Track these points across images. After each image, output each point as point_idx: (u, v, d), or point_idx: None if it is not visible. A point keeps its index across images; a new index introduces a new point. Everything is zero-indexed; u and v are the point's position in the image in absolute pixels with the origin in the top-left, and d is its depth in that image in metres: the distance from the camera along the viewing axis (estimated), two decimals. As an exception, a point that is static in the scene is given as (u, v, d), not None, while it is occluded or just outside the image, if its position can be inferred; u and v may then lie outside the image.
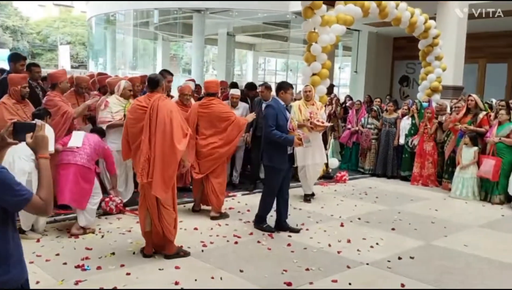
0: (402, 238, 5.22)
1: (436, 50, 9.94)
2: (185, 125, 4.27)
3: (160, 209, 4.21)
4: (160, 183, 4.10)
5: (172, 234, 4.30)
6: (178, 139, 4.09)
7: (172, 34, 21.37)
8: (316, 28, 7.75)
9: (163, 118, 4.08)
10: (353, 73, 17.67)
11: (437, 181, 8.29)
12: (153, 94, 4.26)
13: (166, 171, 4.10)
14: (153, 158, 4.09)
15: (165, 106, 4.14)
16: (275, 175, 5.15)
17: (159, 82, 4.31)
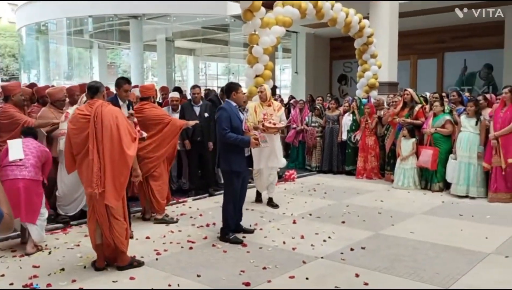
0: (353, 230, 5.38)
1: (371, 48, 10.34)
2: (132, 130, 4.19)
3: (111, 220, 4.09)
4: (112, 192, 3.99)
5: (124, 244, 4.18)
6: (127, 144, 4.01)
7: (109, 41, 20.82)
8: (257, 30, 7.84)
9: (109, 125, 3.98)
10: (293, 74, 18.01)
11: (380, 173, 8.61)
12: (94, 102, 4.14)
13: (117, 179, 4.01)
14: (103, 167, 3.98)
15: (109, 112, 4.04)
16: (235, 178, 5.04)
17: (99, 88, 4.22)
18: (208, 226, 5.56)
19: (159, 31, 18.61)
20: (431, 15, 13.29)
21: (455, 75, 15.60)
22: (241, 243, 4.90)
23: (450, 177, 7.23)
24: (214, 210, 6.26)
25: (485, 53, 14.88)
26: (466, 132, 6.98)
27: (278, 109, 6.37)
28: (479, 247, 4.72)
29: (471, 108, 6.98)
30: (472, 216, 5.98)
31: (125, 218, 4.21)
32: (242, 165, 5.06)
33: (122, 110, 4.96)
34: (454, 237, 5.10)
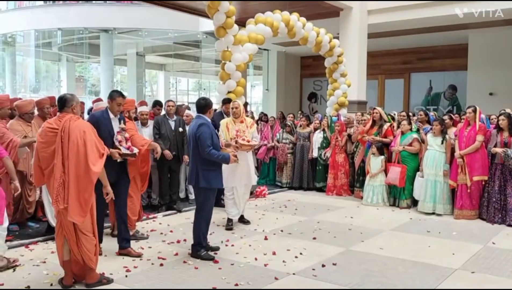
0: (324, 246, 5.41)
1: (341, 67, 10.56)
2: (100, 145, 4.09)
3: (79, 236, 4.00)
4: (76, 208, 3.89)
5: (93, 261, 4.08)
6: (93, 161, 3.92)
7: (78, 54, 20.52)
8: (229, 47, 7.90)
9: (76, 140, 3.90)
10: (264, 91, 18.16)
11: (349, 190, 8.73)
12: (64, 115, 4.04)
13: (82, 195, 3.90)
14: (68, 182, 3.89)
15: (77, 127, 3.95)
16: (212, 196, 5.03)
17: (67, 102, 4.09)
18: (179, 243, 5.49)
19: (130, 45, 18.50)
20: (398, 37, 13.72)
21: (421, 95, 16.08)
22: (212, 259, 4.85)
23: (417, 194, 7.39)
24: (184, 226, 6.19)
25: (449, 74, 15.43)
26: (432, 151, 7.18)
27: (250, 126, 6.26)
28: (446, 263, 4.83)
29: (436, 127, 7.19)
30: (439, 232, 6.12)
31: (94, 234, 4.11)
32: (220, 182, 5.06)
33: (113, 124, 4.88)
34: (422, 253, 5.20)
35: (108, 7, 16.21)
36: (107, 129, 4.81)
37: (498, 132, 6.70)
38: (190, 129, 5.10)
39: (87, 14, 16.37)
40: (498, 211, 6.59)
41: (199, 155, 4.90)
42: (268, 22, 8.42)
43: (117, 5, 15.97)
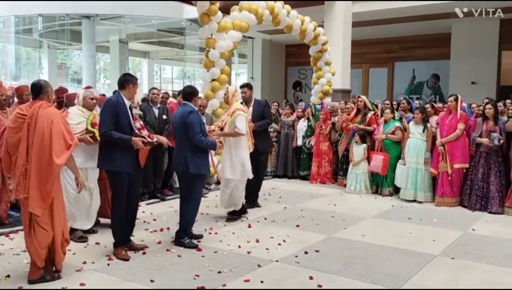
0: (307, 234, 5.45)
1: (326, 56, 10.57)
2: (69, 136, 3.90)
3: (34, 228, 3.82)
4: (37, 199, 3.76)
5: (39, 256, 3.85)
6: (58, 152, 3.76)
7: (59, 41, 20.17)
8: (213, 34, 7.84)
9: (41, 128, 3.74)
10: (249, 79, 18.11)
11: (333, 178, 8.79)
12: (35, 102, 3.91)
13: (43, 187, 3.76)
14: (29, 172, 3.76)
15: (45, 114, 3.79)
16: (200, 183, 5.10)
17: (42, 88, 3.94)
18: (162, 231, 5.48)
19: (112, 32, 18.25)
20: (382, 26, 13.78)
21: (405, 84, 16.21)
22: (196, 247, 4.85)
23: (399, 182, 7.47)
24: (168, 214, 6.18)
25: (432, 63, 15.58)
26: (414, 139, 7.25)
27: (231, 114, 5.78)
28: (427, 249, 4.90)
29: (418, 116, 7.26)
30: (420, 219, 6.20)
31: (54, 228, 3.89)
32: (208, 168, 5.17)
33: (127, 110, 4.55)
34: (403, 239, 5.27)
35: (90, -8, 15.93)
36: (125, 116, 4.49)
37: (484, 120, 6.78)
38: (178, 116, 5.00)
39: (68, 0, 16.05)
40: (479, 199, 6.69)
41: (188, 141, 4.87)
42: (253, 9, 8.36)
43: (99, -9, 15.71)
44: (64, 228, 4.01)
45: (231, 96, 5.92)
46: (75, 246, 4.82)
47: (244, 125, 5.71)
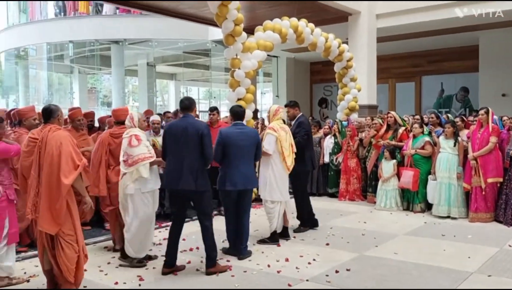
0: (337, 252, 5.38)
1: (351, 72, 10.55)
2: (77, 157, 4.01)
3: (61, 244, 3.94)
4: (47, 218, 3.89)
5: (71, 273, 3.95)
6: (66, 173, 3.88)
7: (89, 66, 20.77)
8: (238, 55, 7.94)
9: (51, 151, 3.91)
10: (275, 98, 18.18)
11: (362, 195, 8.67)
12: (46, 126, 4.10)
13: (53, 206, 3.89)
14: (41, 193, 3.93)
15: (54, 137, 3.95)
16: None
17: (52, 112, 4.12)
18: (191, 251, 5.49)
19: (140, 56, 18.67)
20: (407, 40, 13.68)
21: (433, 97, 15.97)
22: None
23: (431, 197, 7.31)
24: (197, 234, 6.13)
25: (461, 76, 15.32)
26: (445, 153, 7.11)
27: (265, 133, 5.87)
28: (462, 267, 4.76)
29: (449, 130, 7.13)
30: (454, 236, 6.04)
31: (78, 243, 4.02)
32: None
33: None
34: (437, 257, 5.13)
35: (118, 19, 16.40)
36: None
37: (518, 133, 6.61)
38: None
39: (98, 26, 16.57)
40: (515, 214, 6.49)
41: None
42: (277, 28, 8.45)
43: (127, 16, 16.15)
44: (83, 244, 4.12)
45: (271, 115, 5.94)
46: (107, 267, 4.90)
47: (271, 145, 5.61)
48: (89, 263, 4.58)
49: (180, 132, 4.63)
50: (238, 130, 5.23)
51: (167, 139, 4.70)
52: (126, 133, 4.91)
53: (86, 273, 4.45)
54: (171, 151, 4.67)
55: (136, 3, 10.13)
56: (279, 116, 5.93)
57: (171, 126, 4.80)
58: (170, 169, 4.68)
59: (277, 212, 5.75)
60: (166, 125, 4.98)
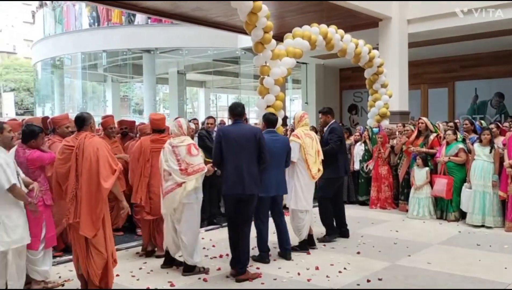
0: (368, 261, 5.30)
1: (382, 78, 10.41)
2: (113, 162, 4.16)
3: (90, 251, 4.08)
4: (88, 223, 4.02)
5: (97, 277, 4.08)
6: (105, 177, 4.02)
7: (122, 75, 21.23)
8: (268, 62, 7.96)
9: (89, 157, 4.04)
10: (304, 104, 18.12)
11: (394, 203, 8.53)
12: (80, 133, 4.22)
13: (93, 211, 4.03)
14: (80, 198, 4.03)
15: (91, 144, 4.09)
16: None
17: (85, 120, 4.26)
18: (221, 257, 5.51)
19: (171, 64, 18.95)
20: (440, 45, 13.41)
21: (467, 103, 15.58)
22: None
23: (465, 206, 7.13)
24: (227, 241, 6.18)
25: (495, 81, 14.89)
26: (480, 161, 6.92)
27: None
28: (498, 278, 4.62)
29: (486, 137, 6.93)
30: (489, 246, 5.87)
31: (107, 251, 4.14)
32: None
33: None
34: (472, 267, 4.99)
35: (150, 28, 16.72)
36: None
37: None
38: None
39: (130, 35, 16.94)
40: (554, 223, 6.25)
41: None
42: (306, 35, 8.43)
43: (158, 26, 16.45)
44: (113, 249, 4.23)
45: (296, 122, 5.95)
46: (139, 272, 4.97)
47: (294, 152, 5.55)
48: (121, 269, 4.69)
49: (238, 137, 4.74)
50: (272, 137, 5.27)
51: (225, 145, 4.72)
52: (181, 141, 4.84)
53: (118, 278, 4.56)
54: (230, 157, 4.71)
55: (167, 13, 10.29)
56: (304, 122, 5.92)
57: (227, 132, 4.83)
58: (229, 175, 4.72)
59: (305, 221, 5.73)
60: (220, 131, 4.92)
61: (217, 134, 4.95)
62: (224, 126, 5.23)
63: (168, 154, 4.82)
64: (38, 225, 4.31)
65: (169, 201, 4.77)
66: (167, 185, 4.77)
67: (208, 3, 9.45)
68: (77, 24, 18.96)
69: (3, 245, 3.90)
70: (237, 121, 4.92)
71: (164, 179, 4.83)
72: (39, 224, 4.35)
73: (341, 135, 6.37)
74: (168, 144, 4.90)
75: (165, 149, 4.88)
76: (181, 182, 4.71)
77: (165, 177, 4.81)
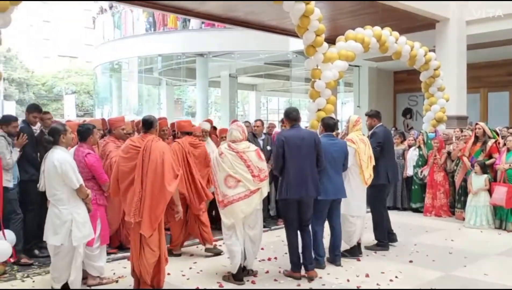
0: (421, 270, 5.13)
1: (438, 81, 10.07)
2: (176, 167, 4.34)
3: (144, 249, 4.21)
4: (147, 223, 4.17)
5: (148, 275, 4.23)
6: (169, 180, 4.17)
7: (176, 78, 21.80)
8: (319, 65, 7.90)
9: (155, 159, 4.18)
10: (356, 108, 17.84)
11: (450, 211, 8.21)
12: (147, 135, 4.37)
13: (154, 211, 4.17)
14: (144, 198, 4.17)
15: (157, 147, 4.25)
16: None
17: (153, 123, 4.45)
18: (269, 260, 5.51)
19: (223, 67, 19.25)
20: (501, 47, 12.80)
21: (530, 108, 14.78)
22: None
23: (527, 216, 6.75)
24: (275, 244, 6.20)
25: (562, 85, 14.04)
26: (544, 169, 6.54)
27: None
28: None
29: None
30: (554, 259, 5.53)
31: (160, 250, 4.27)
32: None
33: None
34: (534, 281, 4.72)
35: (203, 32, 17.06)
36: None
37: None
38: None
39: (184, 40, 17.37)
40: None
41: (315, 165, 4.88)
42: (359, 38, 8.30)
43: (211, 30, 16.75)
44: (165, 249, 4.37)
45: (351, 126, 5.82)
46: (189, 271, 5.06)
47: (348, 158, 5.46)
48: (172, 268, 4.80)
49: (300, 141, 4.79)
50: (330, 141, 5.25)
51: (287, 149, 4.75)
52: (247, 147, 4.74)
53: (169, 277, 4.68)
54: (292, 161, 4.74)
55: (220, 17, 10.45)
56: (359, 127, 5.78)
57: (289, 137, 4.84)
58: (292, 178, 4.74)
59: (356, 227, 5.61)
60: (282, 136, 4.89)
61: (278, 139, 4.90)
62: (284, 131, 5.12)
63: (232, 160, 4.62)
64: (93, 223, 4.49)
65: (242, 208, 4.58)
66: (236, 193, 4.57)
67: (260, 7, 9.51)
68: (134, 29, 19.66)
69: (76, 240, 4.14)
70: (294, 126, 4.97)
71: (226, 186, 4.61)
72: (94, 221, 4.53)
73: (383, 141, 6.05)
74: (229, 149, 4.69)
75: (223, 154, 4.66)
76: (256, 189, 4.62)
77: (229, 184, 4.60)
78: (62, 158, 4.14)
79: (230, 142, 4.76)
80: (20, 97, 37.02)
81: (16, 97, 36.78)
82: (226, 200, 4.60)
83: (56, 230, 4.13)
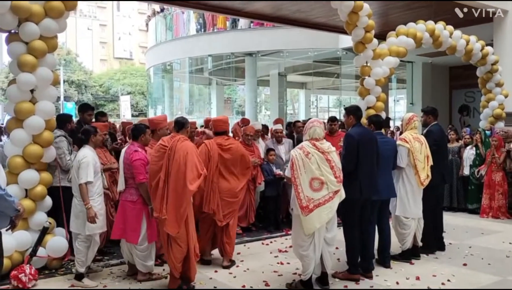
0: (475, 274, 4.91)
1: (496, 76, 9.61)
2: (200, 166, 4.38)
3: (172, 244, 4.34)
4: (171, 221, 4.26)
5: (176, 270, 4.36)
6: (191, 180, 4.24)
7: (226, 78, 22.05)
8: (368, 62, 7.74)
9: (178, 159, 4.28)
10: (409, 105, 17.34)
11: (508, 213, 7.82)
12: (176, 135, 4.49)
13: (178, 210, 4.25)
14: (167, 196, 4.27)
15: (182, 147, 4.33)
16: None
17: (185, 124, 4.61)
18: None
19: (272, 66, 19.26)
20: None
21: None
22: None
23: None
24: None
25: None
26: None
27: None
28: None
29: None
30: None
31: (189, 246, 4.35)
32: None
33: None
34: None
35: (252, 32, 17.16)
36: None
37: None
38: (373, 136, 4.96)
39: (233, 40, 17.55)
40: None
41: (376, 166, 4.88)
42: (411, 33, 8.06)
43: (260, 29, 16.81)
44: (195, 244, 4.47)
45: (404, 124, 5.64)
46: (236, 269, 5.11)
47: (402, 158, 5.29)
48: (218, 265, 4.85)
49: (368, 141, 4.81)
50: (381, 139, 5.13)
51: (361, 149, 4.66)
52: (329, 147, 4.43)
53: (216, 275, 4.80)
54: (364, 161, 4.69)
55: (268, 16, 10.47)
56: (413, 125, 5.56)
57: (362, 136, 4.75)
58: (364, 178, 4.69)
59: (411, 229, 5.42)
60: (355, 135, 4.72)
61: (351, 139, 4.72)
62: (355, 131, 4.83)
63: (319, 161, 4.31)
64: (137, 221, 4.64)
65: (327, 211, 4.29)
66: (322, 195, 4.27)
67: (308, 5, 9.44)
68: (185, 30, 20.07)
69: (89, 230, 4.54)
70: (359, 124, 4.94)
71: (311, 189, 4.27)
72: (139, 221, 4.66)
73: (438, 140, 5.80)
74: (315, 148, 4.36)
75: (310, 154, 4.31)
76: (336, 190, 4.35)
77: (314, 187, 4.28)
78: (84, 155, 4.57)
79: (314, 141, 4.41)
80: (79, 98, 38.78)
81: (75, 98, 38.56)
82: (312, 204, 4.23)
83: (74, 219, 4.62)
